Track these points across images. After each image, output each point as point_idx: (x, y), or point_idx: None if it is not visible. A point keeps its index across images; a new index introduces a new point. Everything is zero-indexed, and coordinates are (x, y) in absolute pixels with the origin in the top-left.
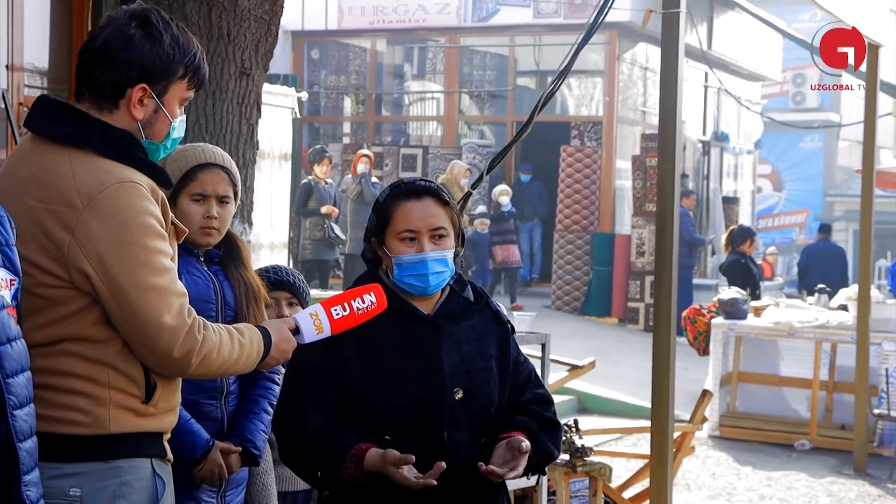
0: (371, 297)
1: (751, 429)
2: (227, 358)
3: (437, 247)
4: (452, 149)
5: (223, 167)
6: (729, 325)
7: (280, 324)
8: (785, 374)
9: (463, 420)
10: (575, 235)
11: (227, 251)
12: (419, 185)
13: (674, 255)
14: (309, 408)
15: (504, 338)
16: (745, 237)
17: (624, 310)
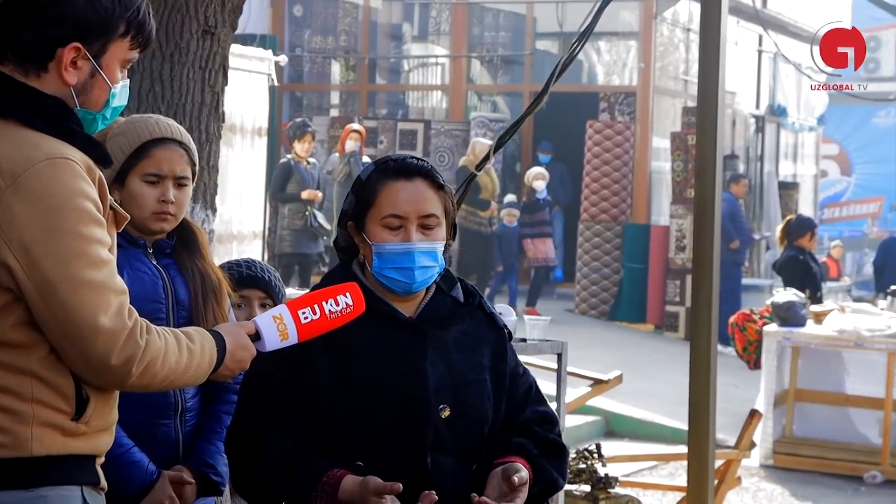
0: (346, 298)
1: (810, 457)
2: (173, 367)
3: (426, 237)
4: (459, 124)
5: (181, 143)
6: (784, 333)
7: (237, 328)
8: (852, 391)
9: (450, 442)
10: (603, 227)
11: (180, 240)
12: (410, 163)
13: (714, 250)
14: (271, 427)
15: (500, 345)
16: (804, 229)
17: (661, 315)
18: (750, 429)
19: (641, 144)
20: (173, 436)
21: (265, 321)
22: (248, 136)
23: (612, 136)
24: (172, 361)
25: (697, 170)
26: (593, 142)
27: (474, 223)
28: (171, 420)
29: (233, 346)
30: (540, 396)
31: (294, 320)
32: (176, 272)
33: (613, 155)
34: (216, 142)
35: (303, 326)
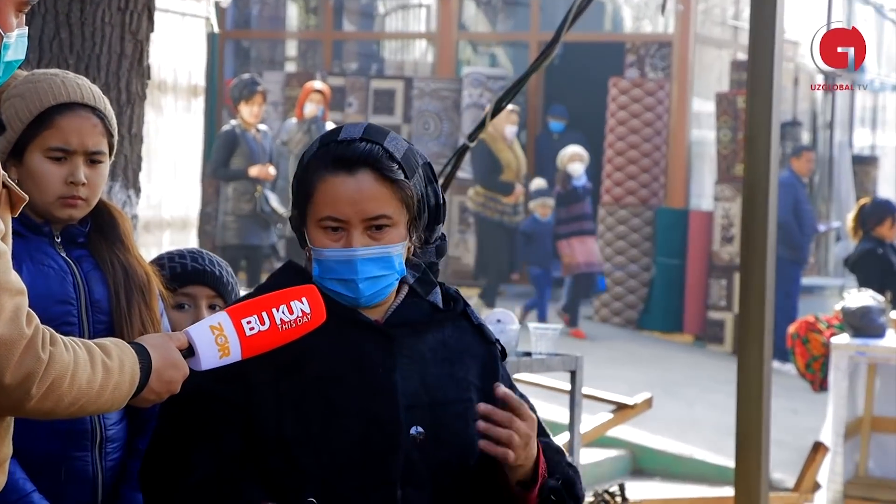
0: (303, 304)
1: (890, 502)
2: (84, 388)
3: (375, 241)
4: (449, 81)
5: (94, 108)
6: (858, 346)
7: (165, 340)
8: None
9: (424, 473)
10: (629, 212)
11: (96, 227)
12: (354, 149)
13: (769, 242)
14: (195, 451)
15: (490, 362)
16: (883, 215)
17: (702, 323)
18: (813, 466)
19: (679, 108)
20: (90, 472)
21: (201, 332)
22: (182, 96)
23: (641, 96)
24: (83, 381)
25: (748, 141)
26: (618, 104)
27: (495, 211)
28: (88, 452)
29: (160, 362)
30: (541, 427)
31: (237, 332)
32: (91, 266)
33: (643, 121)
34: (140, 104)
35: (248, 340)
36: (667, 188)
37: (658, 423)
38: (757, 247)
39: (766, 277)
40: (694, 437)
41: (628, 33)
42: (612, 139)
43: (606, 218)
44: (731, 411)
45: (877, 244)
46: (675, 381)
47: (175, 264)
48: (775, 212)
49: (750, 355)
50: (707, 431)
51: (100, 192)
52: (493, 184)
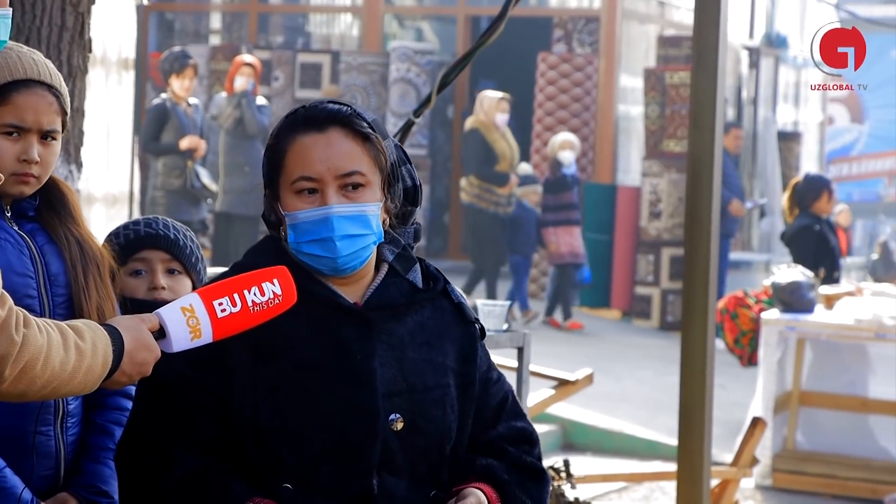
0: (274, 286)
1: (819, 475)
2: (57, 371)
3: (349, 199)
4: (375, 56)
5: (51, 86)
6: (788, 321)
7: (137, 322)
8: (870, 394)
9: (402, 462)
10: None
11: (46, 202)
12: (322, 109)
13: (713, 218)
14: (174, 441)
15: (468, 344)
16: (819, 190)
17: (629, 298)
18: (752, 440)
19: (606, 83)
20: (54, 447)
21: (172, 314)
22: (113, 69)
23: (569, 72)
24: (56, 363)
25: (692, 117)
26: (546, 79)
27: (489, 202)
28: (51, 427)
29: (132, 344)
30: (517, 409)
31: (209, 313)
32: (45, 240)
33: (571, 96)
34: (81, 77)
35: (219, 321)
36: (595, 164)
37: (587, 399)
38: (702, 223)
39: (711, 253)
40: (624, 412)
41: (555, 8)
42: (540, 114)
43: None
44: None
45: (813, 220)
46: (603, 356)
47: (129, 231)
48: (720, 188)
49: (693, 332)
50: (637, 407)
51: (52, 169)
52: (487, 174)
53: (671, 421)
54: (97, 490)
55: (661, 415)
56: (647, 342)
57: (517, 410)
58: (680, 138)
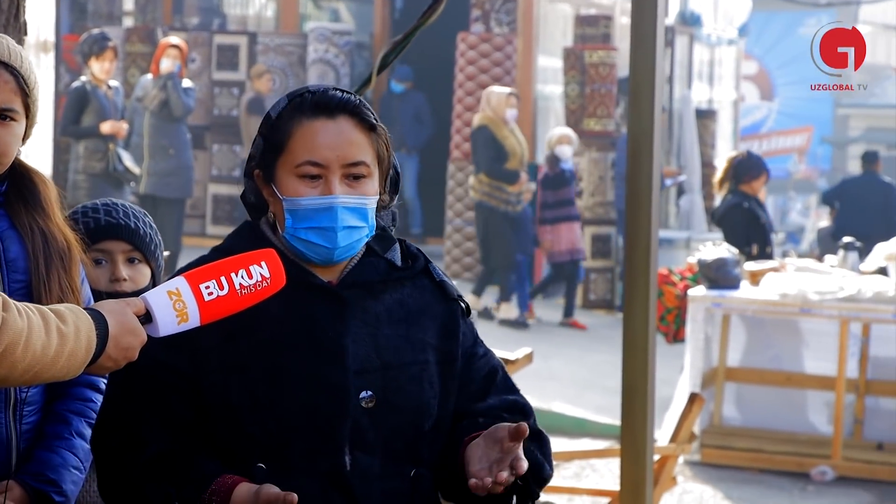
0: (262, 269)
1: (746, 450)
2: (39, 356)
3: (353, 190)
4: (292, 37)
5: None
6: (714, 297)
7: (122, 306)
8: (795, 369)
9: (374, 439)
10: None
11: (15, 190)
12: (333, 96)
13: (654, 195)
14: (148, 422)
15: (451, 321)
16: (759, 170)
17: None
18: (690, 417)
19: (524, 63)
20: (4, 435)
21: (158, 298)
22: (31, 52)
23: (489, 52)
24: (38, 348)
25: (632, 90)
26: (466, 60)
27: (500, 201)
28: (2, 414)
29: (117, 329)
30: (509, 384)
31: (195, 297)
32: (6, 225)
33: (491, 76)
34: None
35: (206, 305)
36: None
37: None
38: (642, 201)
39: (652, 231)
40: (551, 390)
41: None
42: (461, 94)
43: (456, 174)
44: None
45: (743, 198)
46: (528, 335)
47: (89, 219)
48: (660, 166)
49: (636, 309)
50: (563, 384)
51: (11, 151)
52: (497, 172)
53: (599, 399)
54: (45, 479)
55: (589, 392)
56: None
57: (509, 385)
58: (600, 117)
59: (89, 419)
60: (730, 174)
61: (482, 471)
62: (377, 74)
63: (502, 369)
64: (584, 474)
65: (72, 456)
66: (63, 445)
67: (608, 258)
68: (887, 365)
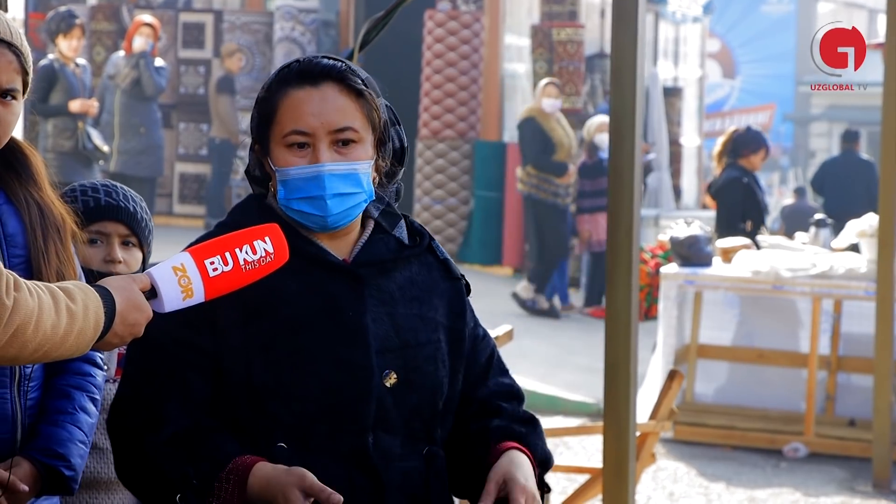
0: (266, 244)
1: (718, 427)
2: (49, 334)
3: (342, 156)
4: (258, 15)
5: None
6: (687, 275)
7: (128, 282)
8: (768, 345)
9: (396, 419)
10: (447, 146)
11: (6, 164)
12: (317, 63)
13: (636, 172)
14: (165, 399)
15: (456, 299)
16: (758, 145)
17: (520, 256)
18: (669, 394)
19: (491, 40)
20: (10, 410)
21: (163, 274)
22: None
23: (457, 29)
24: (48, 327)
25: (614, 68)
26: (434, 37)
27: (549, 193)
28: (7, 390)
29: (124, 305)
30: (502, 366)
31: (200, 273)
32: (3, 200)
33: (459, 54)
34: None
35: (211, 281)
36: (483, 121)
37: None
38: (624, 180)
39: (634, 210)
40: (521, 367)
41: None
42: (428, 72)
43: (425, 152)
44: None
45: (742, 173)
46: (496, 313)
47: (88, 198)
48: (641, 144)
49: (618, 287)
50: (534, 363)
51: (12, 130)
52: (545, 164)
53: (570, 376)
54: (52, 453)
55: (559, 370)
56: None
57: (502, 367)
58: (568, 94)
59: (90, 393)
60: (728, 148)
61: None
62: (359, 51)
63: (496, 351)
64: (557, 451)
65: (77, 430)
66: (68, 420)
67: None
68: (859, 341)
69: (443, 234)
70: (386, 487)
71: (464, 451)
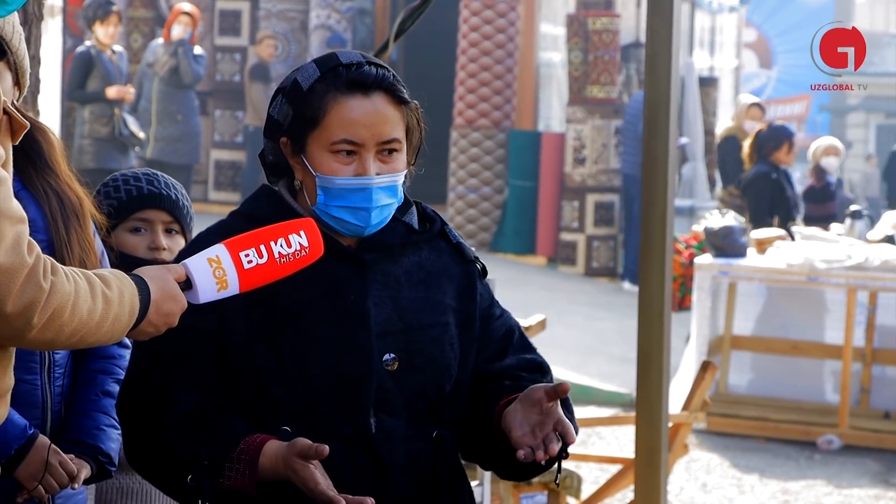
0: (301, 238)
1: (752, 419)
2: (85, 319)
3: (386, 167)
4: (295, 2)
5: None
6: (721, 266)
7: (163, 272)
8: (802, 337)
9: (398, 401)
10: (482, 135)
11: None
12: (369, 73)
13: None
14: (174, 382)
15: (468, 282)
16: (780, 140)
17: (554, 245)
18: (703, 385)
19: (527, 30)
20: (40, 397)
21: (199, 265)
22: None
23: (492, 18)
24: (84, 312)
25: (649, 57)
26: (469, 26)
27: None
28: (37, 376)
29: (159, 294)
30: (526, 343)
31: (235, 265)
32: (19, 186)
33: (495, 43)
34: (37, 24)
35: (245, 273)
36: (518, 111)
37: None
38: (658, 168)
39: (668, 197)
40: (555, 357)
41: None
42: (464, 61)
43: (459, 140)
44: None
45: (772, 168)
46: (530, 302)
47: (130, 187)
48: (676, 132)
49: (651, 276)
50: (567, 352)
51: None
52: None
53: (604, 366)
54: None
55: (593, 360)
56: (573, 288)
57: (526, 344)
58: (603, 84)
59: (116, 376)
60: (755, 149)
61: (526, 437)
62: (394, 41)
63: (519, 329)
64: (590, 441)
65: (103, 416)
66: (93, 408)
67: (611, 226)
68: (894, 334)
69: (477, 223)
70: (389, 469)
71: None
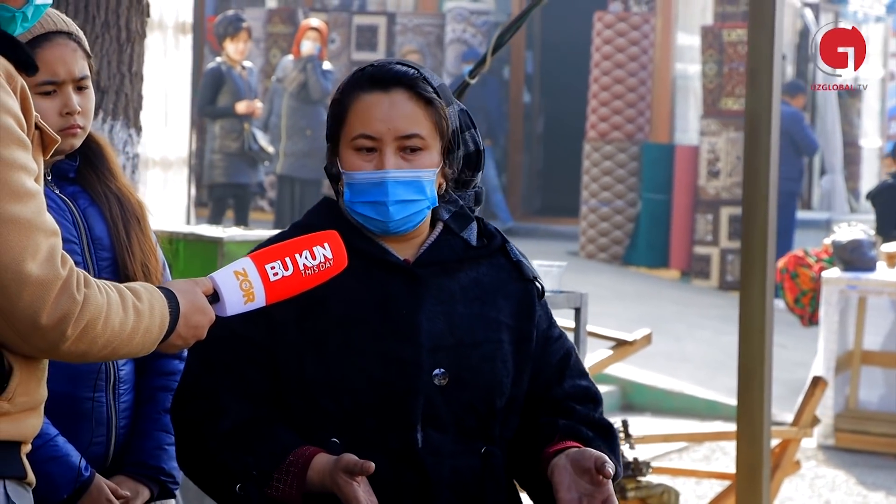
0: (325, 250)
1: (881, 435)
2: (117, 331)
3: (407, 163)
4: (431, 16)
5: (70, 33)
6: (849, 280)
7: (191, 286)
8: None
9: (447, 416)
10: (615, 147)
11: (85, 159)
12: (389, 69)
13: (771, 173)
14: (225, 392)
15: (526, 300)
16: None
17: (688, 258)
18: (812, 400)
19: (663, 42)
20: (105, 414)
21: (225, 278)
22: (170, 34)
23: (626, 31)
24: (116, 323)
25: (749, 73)
26: (603, 39)
27: None
28: (103, 393)
29: (188, 307)
30: (580, 368)
31: (261, 277)
32: (87, 202)
33: (628, 55)
34: (140, 42)
35: (272, 285)
36: (652, 123)
37: (647, 359)
38: (759, 181)
39: (769, 211)
40: (684, 372)
41: None
42: (597, 74)
43: (592, 154)
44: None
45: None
46: (662, 316)
47: None
48: (777, 145)
49: (752, 290)
50: (696, 367)
51: (92, 116)
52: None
53: (731, 381)
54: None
55: (721, 375)
56: (705, 302)
57: (581, 369)
58: (738, 96)
59: None
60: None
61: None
62: (492, 55)
63: (574, 353)
64: (714, 457)
65: (164, 434)
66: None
67: None
68: None
69: (609, 236)
70: (434, 484)
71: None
